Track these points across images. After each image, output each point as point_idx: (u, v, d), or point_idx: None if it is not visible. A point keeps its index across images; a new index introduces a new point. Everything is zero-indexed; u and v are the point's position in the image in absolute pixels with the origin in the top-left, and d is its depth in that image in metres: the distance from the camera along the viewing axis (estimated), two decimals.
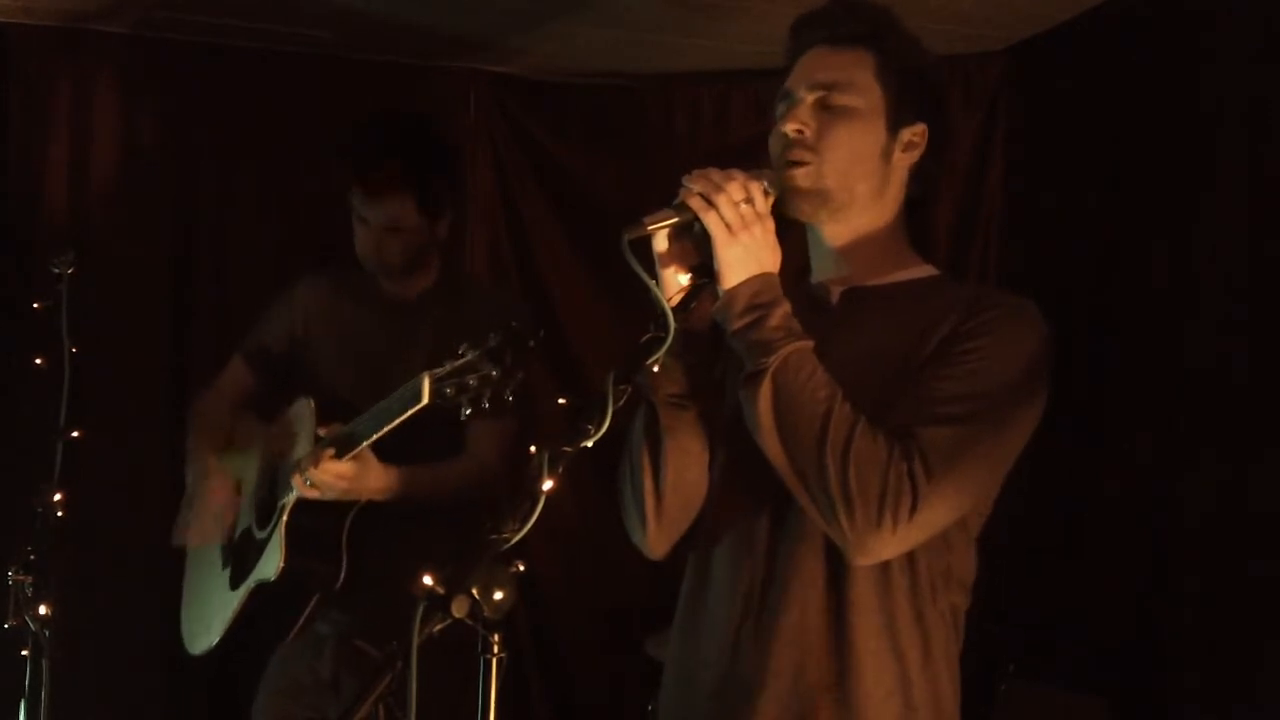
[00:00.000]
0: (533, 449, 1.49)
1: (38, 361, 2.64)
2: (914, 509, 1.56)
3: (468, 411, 2.11)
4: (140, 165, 3.64)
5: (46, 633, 2.46)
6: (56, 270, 2.64)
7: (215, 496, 2.75)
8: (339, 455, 2.43)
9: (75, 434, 2.61)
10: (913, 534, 1.59)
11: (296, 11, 3.44)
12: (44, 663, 2.47)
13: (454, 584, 1.40)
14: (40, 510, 2.56)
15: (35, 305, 2.64)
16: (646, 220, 1.62)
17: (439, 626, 1.40)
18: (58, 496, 2.57)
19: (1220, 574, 2.80)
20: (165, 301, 3.65)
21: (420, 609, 1.39)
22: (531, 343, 2.10)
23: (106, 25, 3.55)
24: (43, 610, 2.47)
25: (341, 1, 3.36)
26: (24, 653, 2.49)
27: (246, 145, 3.70)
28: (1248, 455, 2.74)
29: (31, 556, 2.51)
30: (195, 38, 3.62)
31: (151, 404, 3.53)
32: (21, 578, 2.48)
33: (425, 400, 2.18)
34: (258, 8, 3.42)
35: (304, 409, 2.62)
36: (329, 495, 2.48)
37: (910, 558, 1.66)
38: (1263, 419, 2.71)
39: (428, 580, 1.41)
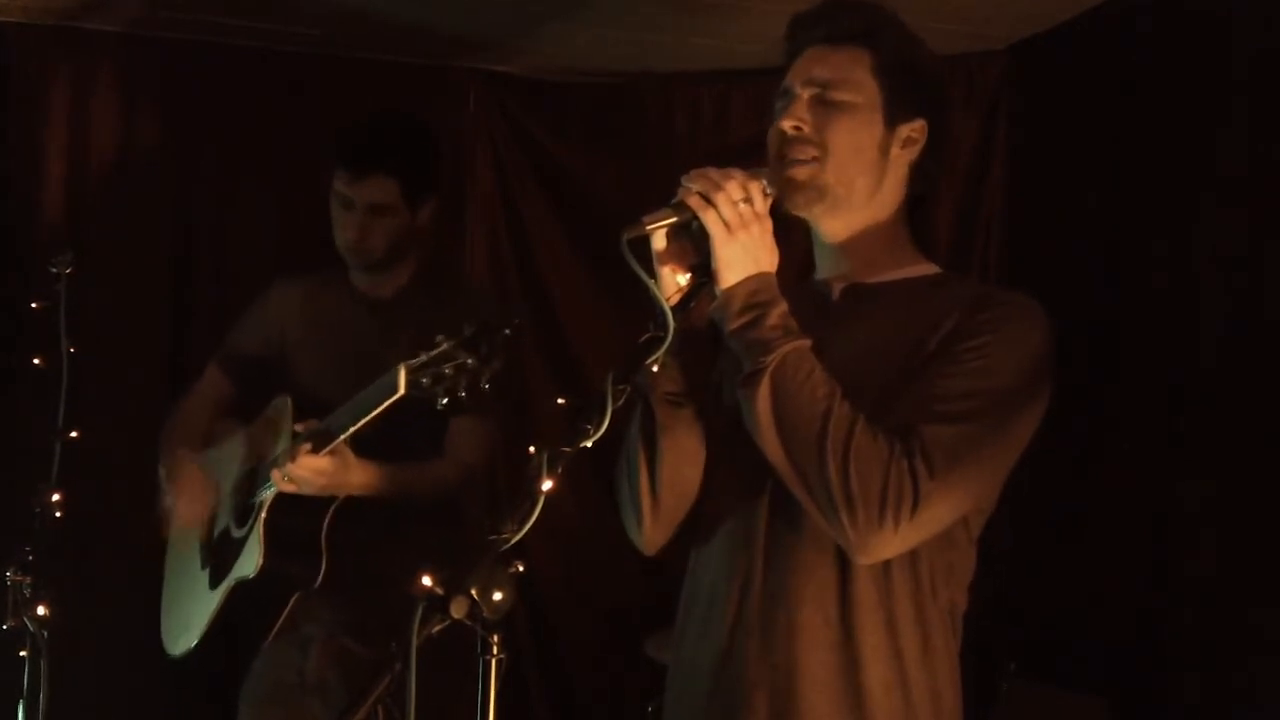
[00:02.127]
0: (532, 449, 1.48)
1: (36, 361, 2.64)
2: (916, 507, 1.55)
3: (444, 402, 2.09)
4: (140, 165, 3.63)
5: (45, 633, 2.46)
6: (55, 270, 2.64)
7: (191, 484, 2.72)
8: (316, 450, 2.40)
9: (74, 434, 2.61)
10: (915, 532, 1.59)
11: (296, 11, 3.43)
12: (42, 663, 2.46)
13: (453, 585, 1.40)
14: (39, 510, 2.56)
15: (34, 305, 2.63)
16: (645, 220, 1.62)
17: (438, 627, 1.39)
18: (56, 496, 2.57)
19: (1220, 574, 2.79)
20: (165, 301, 3.65)
21: (419, 610, 1.38)
22: (507, 331, 2.09)
23: (105, 24, 3.55)
24: (41, 611, 2.47)
25: (341, 1, 3.36)
26: (22, 653, 2.49)
27: (246, 145, 3.70)
28: (1248, 455, 2.74)
29: (30, 557, 2.51)
30: (195, 37, 3.62)
31: (151, 404, 3.51)
32: (20, 578, 2.48)
33: (401, 391, 2.14)
34: (257, 7, 3.42)
35: (282, 406, 2.60)
36: (308, 491, 2.45)
37: (912, 554, 1.65)
38: (1263, 419, 2.71)
39: (426, 581, 1.40)
